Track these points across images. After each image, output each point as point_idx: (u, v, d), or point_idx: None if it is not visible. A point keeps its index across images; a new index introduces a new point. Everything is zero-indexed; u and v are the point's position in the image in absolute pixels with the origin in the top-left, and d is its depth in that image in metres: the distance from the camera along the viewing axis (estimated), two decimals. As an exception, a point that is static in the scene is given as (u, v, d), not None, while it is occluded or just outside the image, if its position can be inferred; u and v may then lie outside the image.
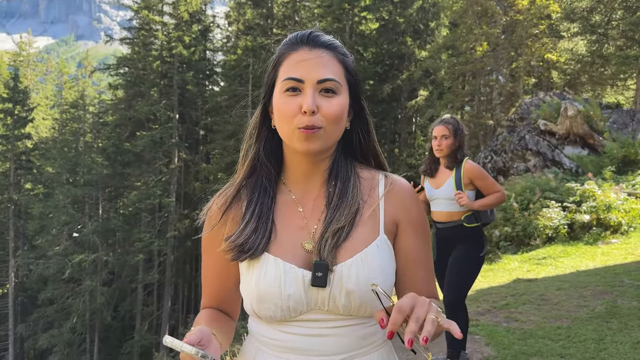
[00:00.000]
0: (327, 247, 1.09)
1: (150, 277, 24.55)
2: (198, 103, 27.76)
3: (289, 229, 1.14)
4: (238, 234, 1.14)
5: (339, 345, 1.10)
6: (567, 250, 7.73)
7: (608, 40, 17.24)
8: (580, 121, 11.72)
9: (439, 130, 3.52)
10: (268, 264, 1.10)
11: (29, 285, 29.66)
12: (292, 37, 1.16)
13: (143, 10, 26.16)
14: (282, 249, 1.11)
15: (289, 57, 1.12)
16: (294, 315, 1.09)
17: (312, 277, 1.07)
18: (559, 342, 4.18)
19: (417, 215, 1.19)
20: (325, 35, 1.16)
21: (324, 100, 1.09)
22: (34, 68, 43.86)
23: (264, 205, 1.16)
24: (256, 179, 1.19)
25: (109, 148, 27.26)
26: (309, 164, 1.16)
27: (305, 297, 1.08)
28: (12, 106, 30.61)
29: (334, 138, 1.12)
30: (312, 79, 1.09)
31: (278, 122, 1.12)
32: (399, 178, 1.22)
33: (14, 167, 30.59)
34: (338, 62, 1.13)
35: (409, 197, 1.19)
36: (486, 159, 13.96)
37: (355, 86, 1.17)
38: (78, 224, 26.41)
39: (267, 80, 1.17)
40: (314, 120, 1.07)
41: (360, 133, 1.21)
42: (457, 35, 21.22)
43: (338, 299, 1.07)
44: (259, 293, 1.09)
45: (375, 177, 1.21)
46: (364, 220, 1.13)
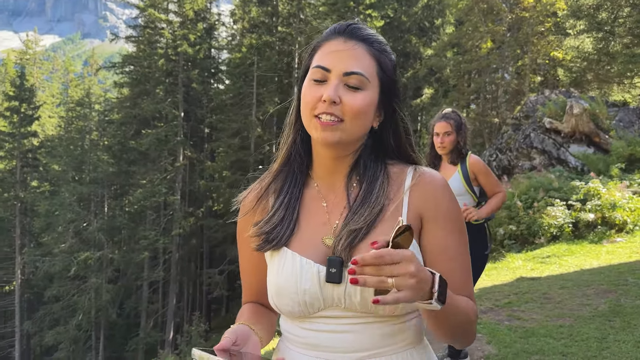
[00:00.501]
0: (341, 243, 1.07)
1: (156, 275, 24.64)
2: (203, 101, 27.81)
3: (311, 224, 1.14)
4: (266, 221, 1.15)
5: (361, 343, 1.08)
6: (572, 249, 7.69)
7: (615, 37, 17.13)
8: (586, 119, 11.65)
9: (440, 126, 3.41)
10: (287, 258, 1.10)
11: (35, 282, 29.83)
12: (332, 27, 1.14)
13: (149, 9, 26.22)
14: (303, 244, 1.11)
15: (323, 46, 1.11)
16: (312, 311, 1.09)
17: (326, 273, 1.06)
18: (561, 341, 4.16)
19: (448, 208, 1.12)
20: (367, 29, 1.13)
21: (348, 93, 1.06)
22: (40, 66, 44.07)
23: (293, 195, 1.16)
24: (289, 168, 1.19)
25: (114, 146, 27.36)
26: (333, 158, 1.14)
27: (320, 293, 1.07)
28: (18, 104, 30.76)
29: (355, 134, 1.10)
30: (338, 70, 1.07)
31: (302, 109, 1.11)
32: (430, 170, 1.17)
33: (20, 165, 30.75)
34: (371, 56, 1.10)
35: (438, 189, 1.13)
36: (491, 157, 13.91)
37: (388, 85, 1.13)
38: (84, 222, 26.53)
39: (303, 68, 1.16)
40: (334, 109, 1.05)
41: (391, 135, 1.17)
42: (462, 33, 21.15)
43: (354, 295, 1.05)
44: (277, 287, 1.10)
45: (404, 171, 1.17)
46: (387, 216, 1.10)
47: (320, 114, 1.06)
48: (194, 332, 20.81)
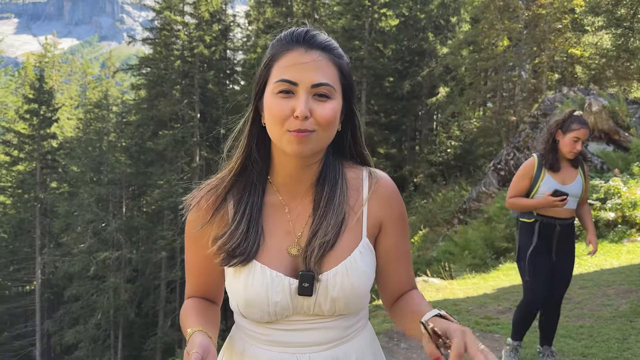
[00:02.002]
0: (313, 257, 1.10)
1: (173, 275, 24.82)
2: (219, 102, 27.96)
3: (275, 234, 1.14)
4: (228, 236, 1.13)
5: (326, 337, 1.15)
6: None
7: (634, 34, 16.85)
8: (605, 117, 11.48)
9: (583, 133, 3.33)
10: (255, 271, 1.11)
11: (55, 282, 30.23)
12: (286, 35, 1.12)
13: (165, 11, 26.42)
14: (269, 255, 1.12)
15: (283, 57, 1.09)
16: (280, 318, 1.13)
17: (298, 287, 1.09)
18: (581, 342, 4.12)
19: (400, 211, 1.21)
20: (322, 35, 1.12)
21: (317, 105, 1.06)
22: (58, 69, 44.69)
23: (254, 206, 1.15)
24: (246, 177, 1.18)
25: (132, 147, 27.62)
26: (298, 167, 1.14)
27: (291, 303, 1.11)
28: (37, 106, 31.19)
29: (325, 142, 1.11)
30: (306, 83, 1.06)
31: (268, 123, 1.10)
32: (383, 175, 1.21)
33: (40, 167, 31.19)
34: (333, 65, 1.10)
35: (393, 196, 1.20)
36: (508, 155, 13.78)
37: (349, 90, 1.15)
38: (102, 222, 26.83)
39: (259, 78, 1.14)
40: (306, 124, 1.05)
41: (351, 135, 1.21)
42: (478, 30, 20.96)
43: (323, 305, 1.11)
44: (246, 299, 1.11)
45: (359, 175, 1.20)
46: (349, 226, 1.14)
47: (294, 130, 1.05)
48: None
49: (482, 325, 4.77)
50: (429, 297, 6.36)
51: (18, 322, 30.28)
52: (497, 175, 13.84)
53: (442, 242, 12.82)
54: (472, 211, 13.70)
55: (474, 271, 8.13)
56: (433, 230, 15.61)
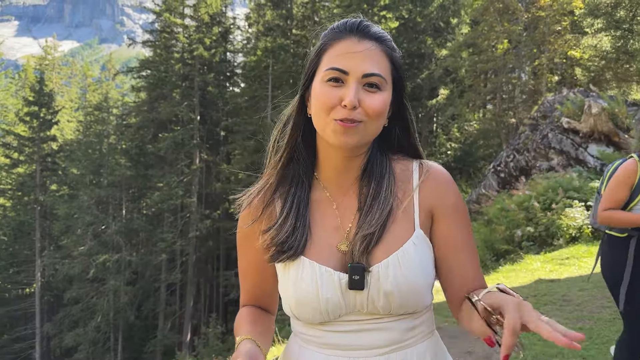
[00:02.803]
0: (362, 248, 1.06)
1: (173, 277, 24.82)
2: (219, 104, 27.99)
3: (324, 229, 1.11)
4: (276, 229, 1.12)
5: (382, 339, 1.08)
6: (591, 250, 7.58)
7: (633, 36, 16.87)
8: (605, 119, 11.49)
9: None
10: (304, 267, 1.08)
11: (54, 284, 30.21)
12: (340, 24, 1.10)
13: (165, 13, 26.48)
14: (318, 251, 1.09)
15: (335, 46, 1.07)
16: (333, 318, 1.08)
17: (349, 280, 1.05)
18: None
19: (456, 201, 1.13)
20: (375, 26, 1.11)
21: (366, 95, 1.04)
22: (59, 71, 44.73)
23: (301, 200, 1.13)
24: (292, 170, 1.16)
25: (132, 150, 27.65)
26: (344, 159, 1.11)
27: (343, 300, 1.06)
28: (37, 109, 31.23)
29: (372, 134, 1.08)
30: (357, 73, 1.04)
31: (315, 111, 1.08)
32: (435, 164, 1.16)
33: (40, 169, 31.21)
34: (386, 56, 1.09)
35: (446, 183, 1.14)
36: (508, 157, 13.78)
37: (399, 83, 1.13)
38: (102, 225, 26.84)
39: (309, 67, 1.11)
40: (354, 114, 1.03)
41: (399, 130, 1.17)
42: (478, 32, 21.00)
43: (377, 300, 1.05)
44: (297, 298, 1.08)
45: (409, 167, 1.16)
46: (398, 217, 1.09)
47: (340, 118, 1.03)
48: (211, 334, 20.93)
49: (481, 327, 4.76)
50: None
51: (18, 325, 30.25)
52: (497, 177, 13.84)
53: (442, 244, 12.81)
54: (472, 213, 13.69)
55: (473, 273, 8.12)
56: (433, 233, 15.59)
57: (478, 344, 4.35)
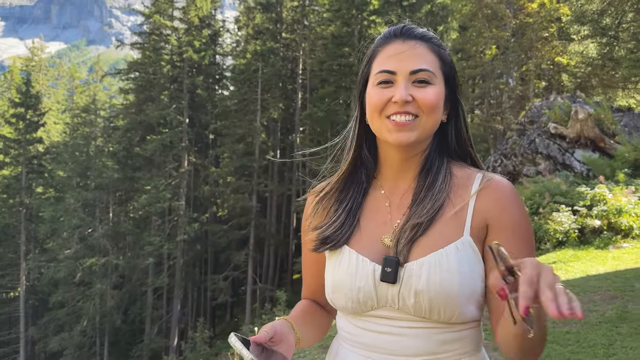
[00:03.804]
0: (402, 242, 1.07)
1: (160, 281, 24.63)
2: (208, 107, 27.91)
3: (372, 223, 1.14)
4: (328, 225, 1.17)
5: (413, 347, 1.06)
6: (578, 255, 7.65)
7: (619, 43, 17.10)
8: (591, 124, 11.62)
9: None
10: (344, 255, 1.12)
11: (40, 288, 29.88)
12: (385, 33, 1.16)
13: (154, 15, 26.37)
14: (362, 243, 1.12)
15: (382, 51, 1.12)
16: (365, 309, 1.09)
17: (381, 272, 1.06)
18: (567, 347, 4.14)
19: (518, 217, 1.08)
20: (419, 28, 1.15)
21: (418, 90, 1.07)
22: (45, 73, 44.34)
23: (356, 202, 1.17)
24: (355, 174, 1.20)
25: (119, 152, 27.45)
26: (402, 159, 1.14)
27: (374, 291, 1.07)
28: (24, 111, 30.93)
29: (429, 129, 1.10)
30: (404, 70, 1.07)
31: (369, 115, 1.12)
32: (499, 176, 1.14)
33: (25, 171, 30.88)
34: (432, 52, 1.12)
35: (508, 197, 1.09)
36: (496, 162, 13.88)
37: (451, 77, 1.15)
38: (89, 228, 26.60)
39: (361, 76, 1.17)
40: (408, 108, 1.06)
41: (457, 128, 1.18)
42: (466, 38, 21.17)
43: (407, 297, 1.04)
44: (333, 283, 1.12)
45: (471, 175, 1.14)
46: (448, 217, 1.08)
47: (392, 114, 1.06)
48: (199, 339, 20.78)
49: (469, 331, 4.78)
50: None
51: (2, 329, 29.83)
52: (484, 181, 13.94)
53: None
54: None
55: (461, 277, 8.16)
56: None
57: None
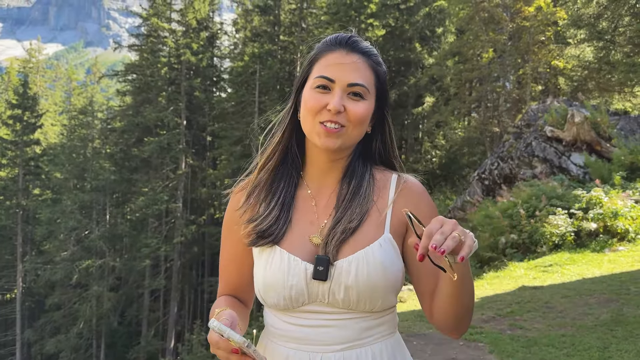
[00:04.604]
0: (332, 242, 1.15)
1: (157, 283, 24.60)
2: (205, 109, 27.90)
3: (300, 223, 1.20)
4: (261, 220, 1.21)
5: (339, 337, 1.16)
6: (574, 258, 7.68)
7: (615, 47, 17.17)
8: (587, 128, 11.66)
9: None
10: (275, 254, 1.17)
11: (36, 290, 29.81)
12: (332, 38, 1.22)
13: (152, 18, 26.37)
14: (291, 242, 1.18)
15: (325, 57, 1.19)
16: (296, 305, 1.16)
17: (313, 271, 1.13)
18: (563, 350, 4.16)
19: (428, 212, 1.21)
20: (364, 42, 1.21)
21: (351, 103, 1.15)
22: (43, 74, 44.24)
23: (288, 194, 1.23)
24: (284, 168, 1.25)
25: (116, 154, 27.42)
26: (327, 161, 1.22)
27: (306, 288, 1.14)
28: (21, 112, 30.88)
29: (353, 139, 1.19)
30: (343, 81, 1.15)
31: (303, 115, 1.19)
32: (411, 177, 1.26)
33: (22, 173, 30.82)
34: (371, 69, 1.19)
35: (420, 195, 1.23)
36: (492, 165, 13.92)
37: (382, 95, 1.23)
38: (85, 230, 26.54)
39: (301, 74, 1.23)
40: (338, 118, 1.14)
41: (380, 140, 1.27)
42: (463, 41, 21.21)
43: (337, 293, 1.13)
44: (265, 281, 1.17)
45: (388, 177, 1.25)
46: (372, 219, 1.18)
47: (325, 121, 1.14)
48: (195, 341, 20.73)
49: (465, 334, 4.80)
50: (414, 305, 6.38)
51: (-2, 331, 29.75)
52: (481, 184, 13.96)
53: (427, 251, 12.87)
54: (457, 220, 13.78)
55: (458, 280, 8.16)
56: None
57: (462, 351, 4.38)
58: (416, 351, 4.38)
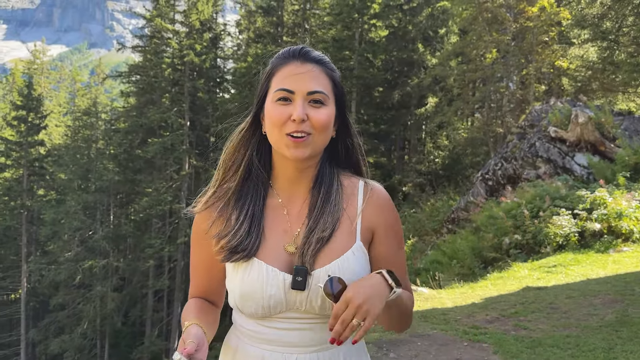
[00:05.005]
0: (309, 252, 1.19)
1: (161, 283, 24.63)
2: (208, 110, 27.93)
3: (274, 232, 1.24)
4: (232, 235, 1.22)
5: (314, 339, 1.21)
6: (578, 258, 7.67)
7: (619, 47, 17.13)
8: (591, 128, 11.64)
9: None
10: (253, 266, 1.20)
11: (40, 290, 29.87)
12: (284, 52, 1.26)
13: (156, 19, 26.41)
14: (267, 252, 1.21)
15: (281, 70, 1.23)
16: (274, 313, 1.20)
17: (292, 281, 1.17)
18: (568, 351, 4.16)
19: (393, 221, 1.28)
20: (315, 51, 1.26)
21: (312, 110, 1.19)
22: (47, 76, 44.37)
23: (257, 207, 1.25)
24: (249, 182, 1.28)
25: (120, 155, 27.46)
26: (296, 170, 1.25)
27: (285, 298, 1.18)
28: (25, 113, 30.96)
29: (320, 145, 1.22)
30: (302, 91, 1.19)
31: (268, 129, 1.22)
32: (378, 185, 1.31)
33: (27, 174, 30.90)
34: (326, 76, 1.23)
35: (386, 204, 1.28)
36: (496, 166, 13.90)
37: (341, 99, 1.26)
38: (89, 230, 26.60)
39: (260, 90, 1.28)
40: (303, 126, 1.17)
41: (345, 142, 1.31)
42: (466, 42, 21.18)
43: (314, 301, 1.17)
44: (242, 292, 1.20)
45: (355, 184, 1.29)
46: (344, 227, 1.22)
47: (291, 132, 1.17)
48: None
49: (470, 334, 4.80)
50: (417, 306, 6.38)
51: (3, 331, 29.83)
52: (485, 185, 13.95)
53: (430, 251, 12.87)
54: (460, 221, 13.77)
55: (462, 281, 8.17)
56: (422, 240, 15.66)
57: (466, 351, 4.38)
58: (420, 352, 4.38)
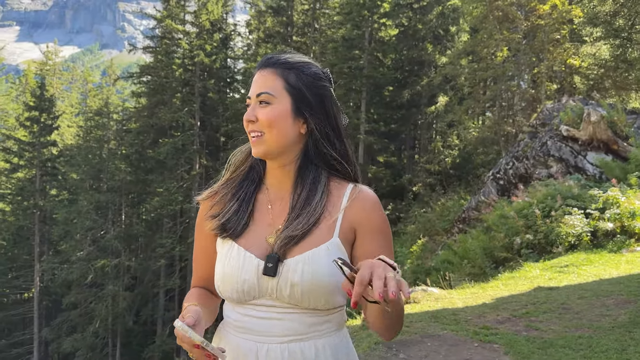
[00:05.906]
0: (281, 243, 1.26)
1: (172, 283, 24.77)
2: (219, 110, 28.03)
3: (259, 224, 1.33)
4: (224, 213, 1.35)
5: (285, 329, 1.27)
6: (590, 258, 7.59)
7: (632, 44, 16.94)
8: (604, 127, 11.52)
9: None
10: (233, 250, 1.30)
11: (53, 289, 30.14)
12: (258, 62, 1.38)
13: (166, 20, 26.55)
14: (249, 240, 1.30)
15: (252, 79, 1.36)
16: (248, 298, 1.28)
17: (264, 267, 1.25)
18: (580, 352, 4.12)
19: (379, 223, 1.32)
20: (282, 56, 1.34)
21: (260, 110, 1.31)
22: (59, 77, 44.74)
23: (248, 192, 1.37)
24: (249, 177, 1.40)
25: (132, 155, 27.64)
26: (276, 168, 1.35)
27: (257, 283, 1.26)
28: (38, 114, 31.24)
29: (276, 142, 1.30)
30: (253, 94, 1.33)
31: None
32: (366, 188, 1.36)
33: (39, 174, 31.19)
34: (278, 76, 1.31)
35: (372, 205, 1.32)
36: (507, 165, 13.82)
37: (300, 95, 1.31)
38: (101, 230, 26.80)
39: None
40: (254, 127, 1.31)
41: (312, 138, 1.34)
42: (477, 40, 21.07)
43: (284, 289, 1.24)
44: (222, 275, 1.30)
45: (344, 186, 1.35)
46: (323, 224, 1.28)
47: (249, 132, 1.32)
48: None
49: (481, 335, 4.77)
50: (427, 306, 6.35)
51: (16, 330, 30.15)
52: (496, 184, 13.87)
53: (441, 251, 12.82)
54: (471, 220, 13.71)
55: (473, 281, 8.11)
56: (432, 240, 15.61)
57: (477, 352, 4.36)
58: (430, 352, 4.36)
